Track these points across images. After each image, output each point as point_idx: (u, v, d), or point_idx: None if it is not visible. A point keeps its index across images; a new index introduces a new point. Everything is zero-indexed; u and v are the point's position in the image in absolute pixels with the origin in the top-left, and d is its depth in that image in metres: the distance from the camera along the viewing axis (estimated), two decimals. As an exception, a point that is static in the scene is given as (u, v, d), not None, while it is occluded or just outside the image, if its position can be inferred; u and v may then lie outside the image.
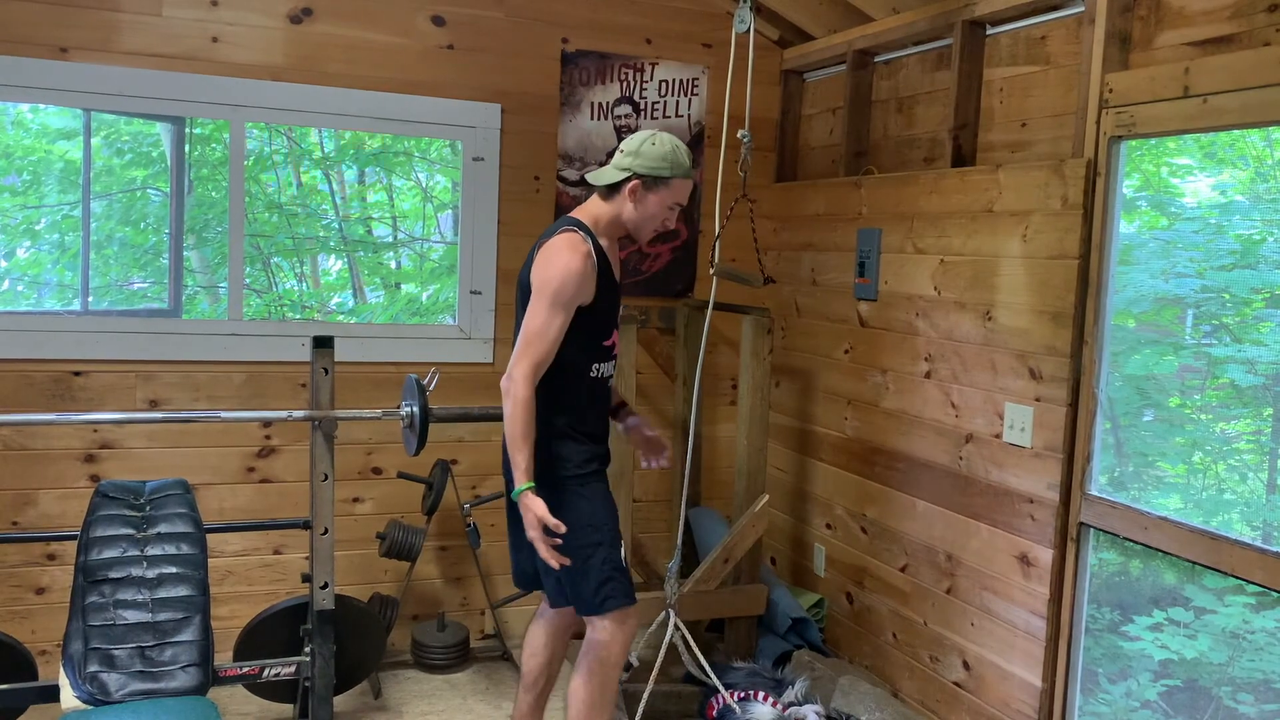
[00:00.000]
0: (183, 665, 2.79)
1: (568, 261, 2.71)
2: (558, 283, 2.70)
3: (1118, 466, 3.37)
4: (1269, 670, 3.07)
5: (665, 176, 2.81)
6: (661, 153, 2.80)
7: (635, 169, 2.80)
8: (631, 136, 2.86)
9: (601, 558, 2.81)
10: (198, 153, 5.57)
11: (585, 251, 2.75)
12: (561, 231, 2.80)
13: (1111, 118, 2.88)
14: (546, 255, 2.76)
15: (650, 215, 2.86)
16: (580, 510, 2.81)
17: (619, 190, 2.84)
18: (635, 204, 2.83)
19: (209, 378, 3.85)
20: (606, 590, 2.82)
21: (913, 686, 3.63)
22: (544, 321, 2.71)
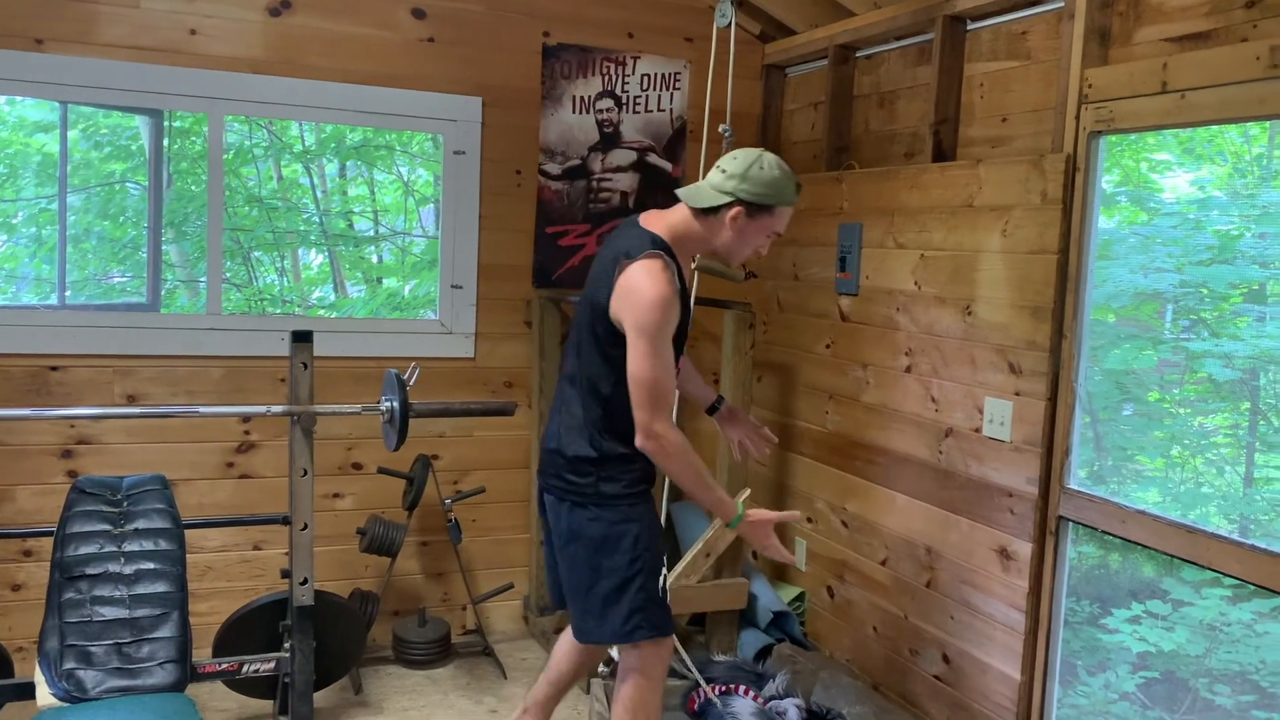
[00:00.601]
0: (160, 662, 2.78)
1: (662, 295, 2.50)
2: (657, 322, 2.50)
3: (1097, 460, 3.39)
4: (1245, 662, 3.09)
5: (771, 205, 2.60)
6: (770, 178, 2.58)
7: (740, 194, 2.58)
8: (734, 155, 2.63)
9: (638, 585, 2.65)
10: (177, 146, 5.52)
11: (670, 278, 2.54)
12: (645, 257, 2.55)
13: (1091, 113, 2.89)
14: (636, 289, 2.52)
15: (748, 244, 2.65)
16: (625, 535, 2.66)
17: (716, 213, 2.61)
18: (735, 231, 2.61)
19: (188, 372, 3.83)
20: (637, 620, 2.65)
21: (893, 680, 3.64)
22: (655, 364, 2.51)
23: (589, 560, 2.69)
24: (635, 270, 2.54)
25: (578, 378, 2.72)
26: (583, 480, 2.68)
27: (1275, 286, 3.20)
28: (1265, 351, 3.22)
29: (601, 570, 2.67)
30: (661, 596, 2.69)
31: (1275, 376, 3.25)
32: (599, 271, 2.70)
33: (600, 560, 2.67)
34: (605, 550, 2.67)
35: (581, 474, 2.68)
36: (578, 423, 2.70)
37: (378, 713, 3.64)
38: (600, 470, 2.67)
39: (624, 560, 2.66)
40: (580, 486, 2.68)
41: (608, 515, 2.67)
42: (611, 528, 2.66)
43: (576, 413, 2.71)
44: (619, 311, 2.56)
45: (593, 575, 2.69)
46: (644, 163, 4.39)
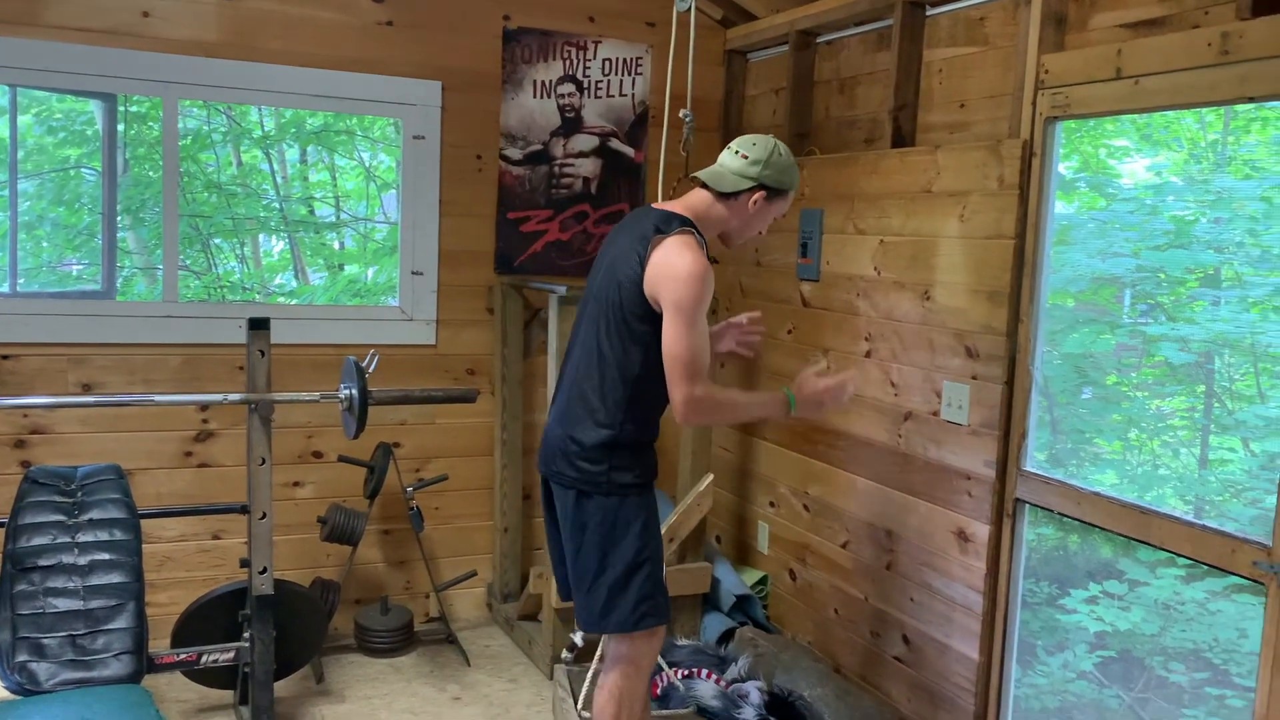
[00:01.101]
0: (116, 653, 2.75)
1: (701, 269, 2.52)
2: (696, 296, 2.51)
3: (1055, 443, 3.42)
4: (1199, 640, 3.14)
5: (787, 190, 2.72)
6: (787, 165, 2.69)
7: (764, 180, 2.66)
8: (753, 141, 2.70)
9: (646, 574, 2.66)
10: (134, 131, 5.44)
11: (704, 253, 2.60)
12: (678, 234, 2.58)
13: (1047, 98, 2.91)
14: (673, 264, 2.52)
15: (758, 226, 2.75)
16: (634, 524, 2.65)
17: (738, 197, 2.68)
18: (754, 214, 2.70)
19: (144, 360, 3.78)
20: (644, 608, 2.66)
21: (854, 661, 3.67)
22: (695, 339, 2.51)
23: (597, 549, 2.67)
24: (671, 245, 2.55)
25: (599, 362, 2.65)
26: (595, 469, 2.64)
27: (1230, 271, 3.24)
28: (1220, 335, 3.26)
29: (610, 559, 2.65)
30: (665, 584, 2.72)
31: (1230, 360, 3.29)
32: (618, 254, 2.66)
33: (608, 549, 2.65)
34: (614, 539, 2.65)
35: (594, 461, 2.63)
36: (595, 408, 2.64)
37: (340, 701, 3.62)
38: (614, 458, 2.63)
39: (632, 549, 2.65)
40: (592, 475, 2.64)
41: (617, 504, 2.65)
42: (620, 517, 2.65)
43: (593, 399, 2.65)
44: (655, 287, 2.55)
45: (601, 564, 2.67)
46: (606, 148, 4.37)
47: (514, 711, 3.61)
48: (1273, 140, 3.14)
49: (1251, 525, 2.54)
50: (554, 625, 3.77)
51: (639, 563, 2.66)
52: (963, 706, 3.18)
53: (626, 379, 2.61)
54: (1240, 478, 3.27)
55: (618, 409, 2.62)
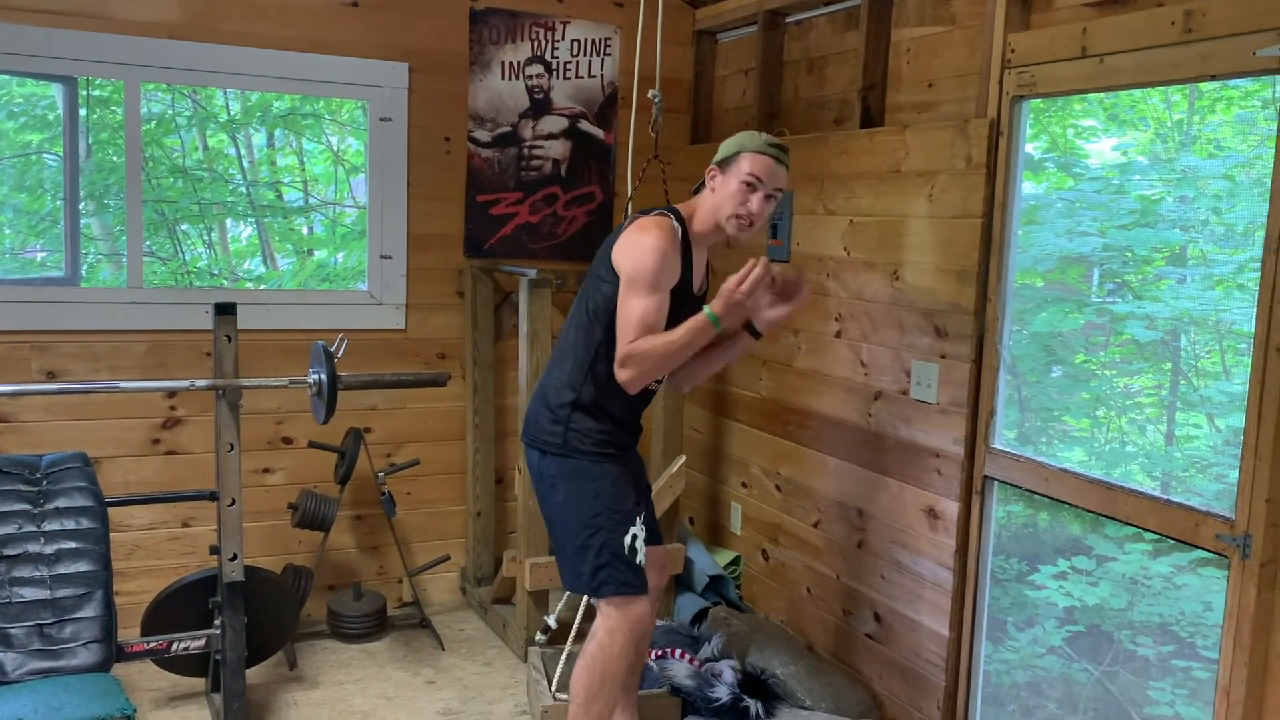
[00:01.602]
0: (84, 642, 2.73)
1: (655, 241, 2.64)
2: (651, 269, 2.62)
3: (1024, 421, 3.45)
4: (1165, 614, 3.18)
5: (733, 154, 2.76)
6: (734, 138, 2.79)
7: (714, 162, 2.80)
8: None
9: (600, 542, 2.72)
10: (96, 115, 5.36)
11: (671, 231, 2.70)
12: (653, 215, 2.75)
13: (1013, 78, 2.92)
14: (631, 235, 2.70)
15: (727, 196, 2.75)
16: (585, 489, 2.75)
17: (704, 187, 2.84)
18: (714, 191, 2.78)
19: (109, 347, 3.74)
20: (603, 576, 2.72)
21: (826, 639, 3.70)
22: (644, 306, 2.62)
23: (560, 510, 2.78)
24: (640, 223, 2.72)
25: (574, 329, 2.81)
26: (554, 429, 2.78)
27: (1195, 250, 3.27)
28: (1185, 313, 3.29)
29: (570, 521, 2.75)
30: (629, 555, 2.73)
31: (1195, 337, 3.32)
32: (611, 237, 2.81)
33: (569, 510, 2.75)
34: (571, 502, 2.76)
35: (555, 421, 2.78)
36: (563, 371, 2.80)
37: (313, 687, 3.62)
38: (572, 420, 2.76)
39: (586, 514, 2.74)
40: (551, 435, 2.78)
41: (572, 466, 2.76)
42: (573, 480, 2.76)
43: (565, 363, 2.80)
44: (619, 261, 2.69)
45: (564, 525, 2.78)
46: (576, 129, 4.35)
47: (488, 694, 3.61)
48: (1236, 119, 3.16)
49: (1216, 500, 2.58)
50: (528, 608, 3.77)
51: (594, 528, 2.73)
52: (934, 682, 3.21)
53: (591, 343, 2.76)
54: (1206, 453, 3.31)
55: (578, 370, 2.76)
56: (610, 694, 2.79)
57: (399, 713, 3.46)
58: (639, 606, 2.76)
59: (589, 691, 2.78)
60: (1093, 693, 3.24)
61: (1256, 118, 2.92)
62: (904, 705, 3.34)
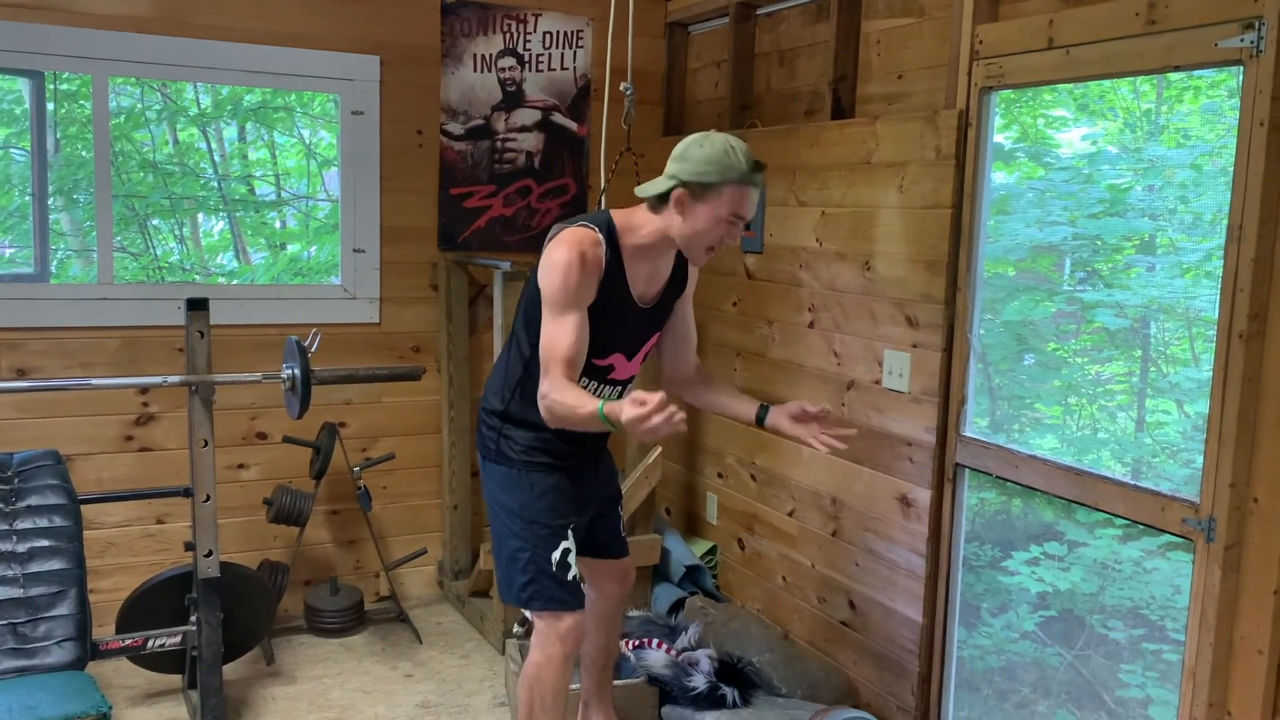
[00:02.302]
0: (58, 640, 2.72)
1: (563, 256, 2.41)
2: (557, 286, 2.41)
3: (996, 409, 3.48)
4: (1136, 598, 3.22)
5: (713, 183, 2.43)
6: (709, 155, 2.42)
7: (680, 176, 2.45)
8: (684, 139, 2.52)
9: (527, 556, 2.61)
10: (64, 110, 5.30)
11: (589, 243, 2.45)
12: (571, 226, 2.50)
13: (982, 69, 2.94)
14: (546, 252, 2.49)
15: (700, 231, 2.47)
16: (512, 500, 2.65)
17: (667, 202, 2.48)
18: (683, 217, 2.47)
19: (80, 344, 3.71)
20: (531, 590, 2.63)
21: (802, 627, 3.73)
22: (559, 330, 2.40)
23: (495, 518, 2.73)
24: (558, 236, 2.50)
25: (511, 342, 2.72)
26: (488, 434, 2.73)
27: (1164, 238, 3.31)
28: (1154, 300, 3.32)
29: (504, 531, 2.70)
30: (557, 571, 2.61)
31: (1164, 325, 3.36)
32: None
33: (504, 520, 2.69)
34: (500, 511, 2.70)
35: (489, 427, 2.73)
36: (500, 377, 2.73)
37: (291, 682, 3.61)
38: (503, 427, 2.69)
39: (514, 526, 2.66)
40: (487, 440, 2.73)
41: (502, 475, 2.69)
42: (504, 489, 2.69)
43: (501, 370, 2.74)
44: (539, 278, 2.51)
45: (498, 534, 2.72)
46: (549, 122, 4.35)
47: (467, 686, 3.62)
48: (1203, 109, 3.20)
49: (1185, 485, 2.62)
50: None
51: (520, 540, 2.63)
52: (908, 668, 3.24)
53: (520, 358, 2.65)
54: (1175, 439, 3.35)
55: (506, 384, 2.69)
56: (551, 709, 2.66)
57: (377, 706, 3.47)
58: (569, 621, 2.62)
59: (529, 709, 2.68)
60: (1065, 676, 3.28)
61: (1223, 107, 2.95)
62: (879, 691, 3.37)
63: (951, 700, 3.21)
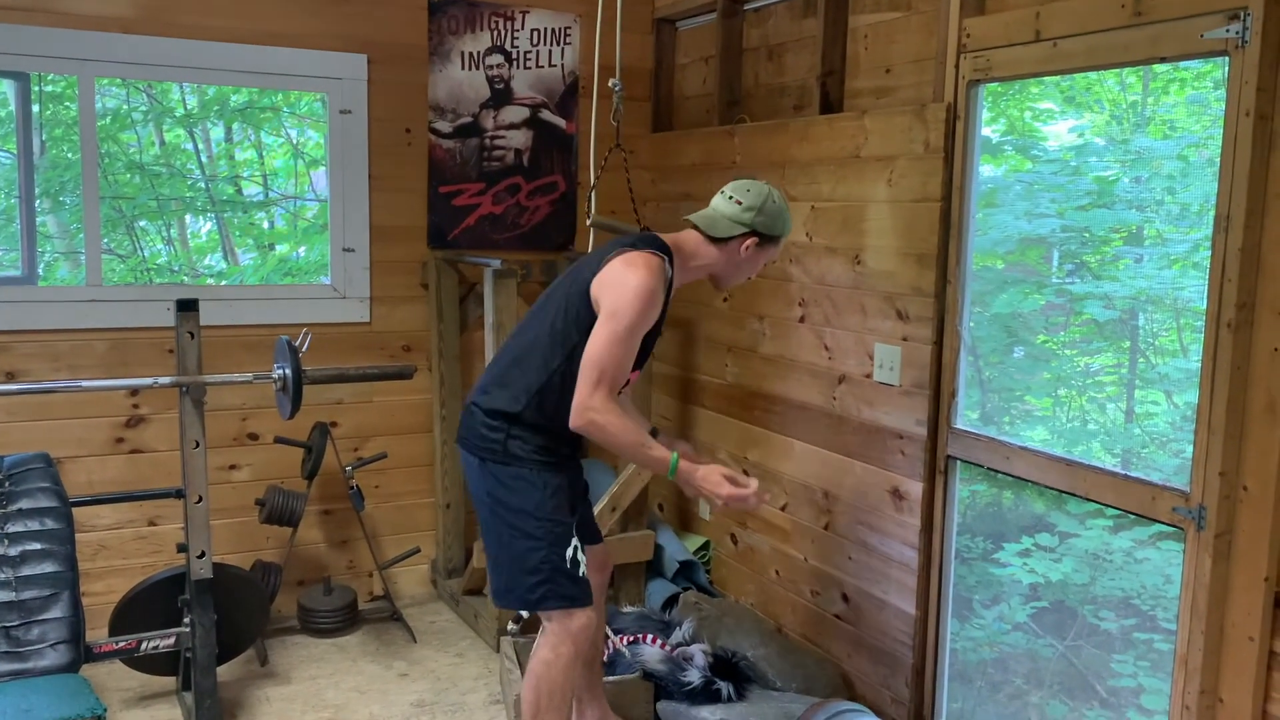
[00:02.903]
0: (51, 643, 2.71)
1: (649, 288, 2.51)
2: (635, 312, 2.50)
3: (986, 402, 3.49)
4: (1127, 588, 3.24)
5: (777, 236, 2.75)
6: (780, 210, 2.73)
7: (756, 226, 2.70)
8: (747, 188, 2.73)
9: (542, 556, 2.63)
10: (49, 111, 5.28)
11: (664, 276, 2.59)
12: (648, 251, 2.59)
13: (969, 62, 2.95)
14: (620, 270, 2.54)
15: (749, 271, 2.80)
16: (526, 501, 2.64)
17: (729, 242, 2.71)
18: (745, 259, 2.73)
19: (69, 346, 3.70)
20: (544, 590, 2.63)
21: (795, 621, 3.73)
22: (615, 350, 2.50)
23: (500, 521, 2.67)
24: (630, 258, 2.57)
25: (532, 347, 2.67)
26: (493, 435, 2.66)
27: (1151, 230, 3.32)
28: (1142, 292, 3.34)
29: (512, 532, 2.66)
30: (570, 568, 2.65)
31: (1153, 316, 3.37)
32: (591, 256, 2.71)
33: (511, 521, 2.65)
34: (512, 512, 2.65)
35: (493, 429, 2.66)
36: (513, 380, 2.67)
37: (285, 682, 3.61)
38: (510, 429, 2.65)
39: (528, 527, 2.64)
40: (490, 442, 2.66)
41: (511, 476, 2.65)
42: (511, 490, 2.66)
43: (514, 372, 2.68)
44: (599, 292, 2.56)
45: (502, 537, 2.68)
46: (537, 119, 4.35)
47: (461, 685, 3.62)
48: (1189, 100, 3.21)
49: (1174, 475, 2.63)
50: (499, 598, 3.78)
51: (535, 540, 2.64)
52: (902, 660, 3.26)
53: (547, 368, 2.64)
54: (1164, 430, 3.36)
55: (527, 392, 2.64)
56: (558, 708, 2.70)
57: (372, 705, 3.47)
58: (581, 619, 2.67)
59: (535, 707, 2.70)
60: (1057, 667, 3.30)
61: (1208, 98, 2.97)
62: (873, 684, 3.38)
63: (945, 692, 3.22)
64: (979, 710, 3.27)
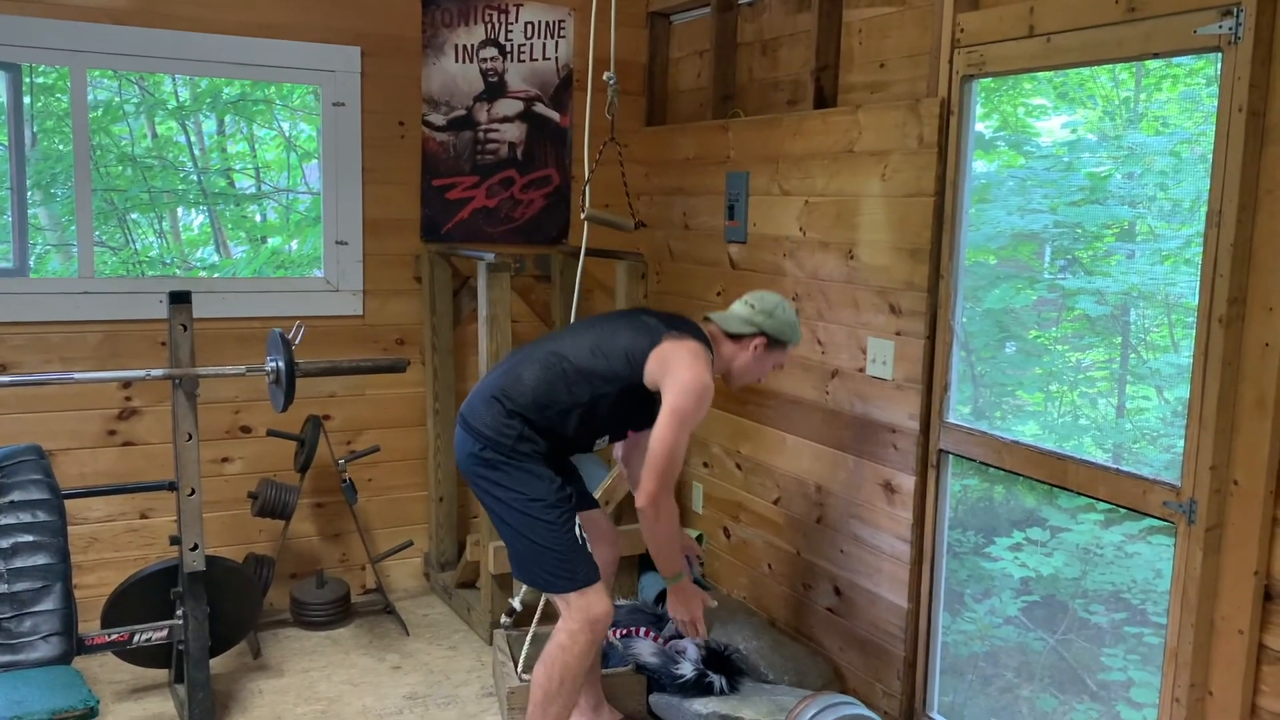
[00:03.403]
0: (44, 635, 2.71)
1: (707, 389, 2.77)
2: (694, 409, 2.75)
3: (978, 397, 3.50)
4: (1117, 582, 3.25)
5: (784, 343, 2.97)
6: (790, 320, 2.96)
7: (765, 329, 2.92)
8: (760, 294, 2.98)
9: (559, 537, 2.77)
10: (41, 103, 5.26)
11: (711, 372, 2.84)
12: (703, 347, 2.84)
13: (963, 57, 2.95)
14: (689, 365, 2.76)
15: (758, 370, 3.00)
16: (539, 486, 2.78)
17: (741, 340, 2.94)
18: (753, 358, 2.95)
19: (62, 339, 3.69)
20: (567, 569, 2.77)
21: (788, 614, 3.74)
22: (676, 442, 2.75)
23: (513, 513, 2.78)
24: (688, 350, 2.79)
25: (566, 372, 2.82)
26: (506, 429, 2.78)
27: (1143, 225, 3.33)
28: (1134, 287, 3.35)
29: (528, 522, 2.76)
30: (583, 546, 2.80)
31: (1144, 311, 3.39)
32: (642, 325, 2.87)
33: (524, 511, 2.76)
34: (524, 502, 2.76)
35: (510, 426, 2.78)
36: (541, 392, 2.80)
37: (278, 675, 3.61)
38: (524, 429, 2.78)
39: (547, 515, 2.76)
40: (499, 435, 2.78)
41: (522, 471, 2.77)
42: (522, 483, 2.77)
43: (543, 387, 2.80)
44: (659, 379, 2.77)
45: (521, 527, 2.78)
46: (531, 112, 4.35)
47: (454, 677, 3.63)
48: (1182, 96, 3.22)
49: (1165, 470, 2.64)
50: (492, 591, 3.78)
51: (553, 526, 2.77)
52: (893, 653, 3.27)
53: (575, 396, 2.79)
54: (1155, 425, 3.38)
55: (552, 409, 2.79)
56: (570, 694, 2.81)
57: (365, 698, 3.47)
58: (601, 608, 2.78)
59: (547, 692, 2.79)
60: (1048, 661, 3.31)
61: (1201, 95, 2.97)
62: (864, 677, 3.40)
63: (936, 685, 3.23)
64: (970, 703, 3.28)
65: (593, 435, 2.91)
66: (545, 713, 2.81)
